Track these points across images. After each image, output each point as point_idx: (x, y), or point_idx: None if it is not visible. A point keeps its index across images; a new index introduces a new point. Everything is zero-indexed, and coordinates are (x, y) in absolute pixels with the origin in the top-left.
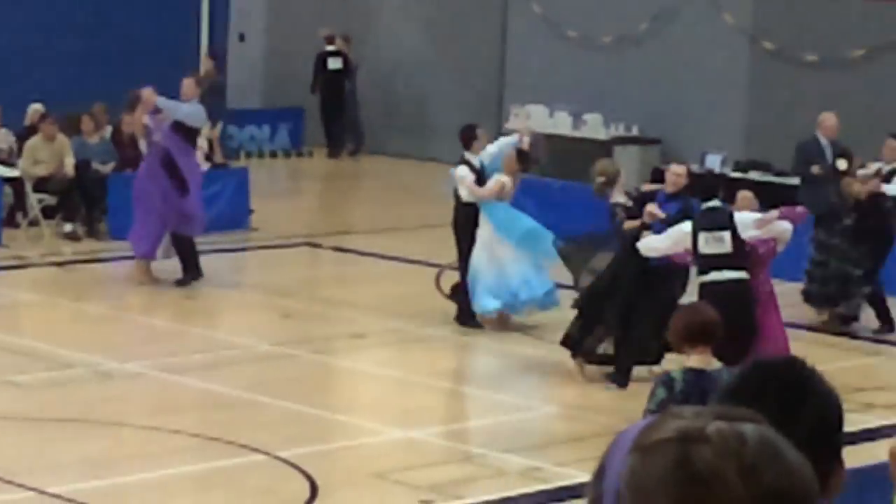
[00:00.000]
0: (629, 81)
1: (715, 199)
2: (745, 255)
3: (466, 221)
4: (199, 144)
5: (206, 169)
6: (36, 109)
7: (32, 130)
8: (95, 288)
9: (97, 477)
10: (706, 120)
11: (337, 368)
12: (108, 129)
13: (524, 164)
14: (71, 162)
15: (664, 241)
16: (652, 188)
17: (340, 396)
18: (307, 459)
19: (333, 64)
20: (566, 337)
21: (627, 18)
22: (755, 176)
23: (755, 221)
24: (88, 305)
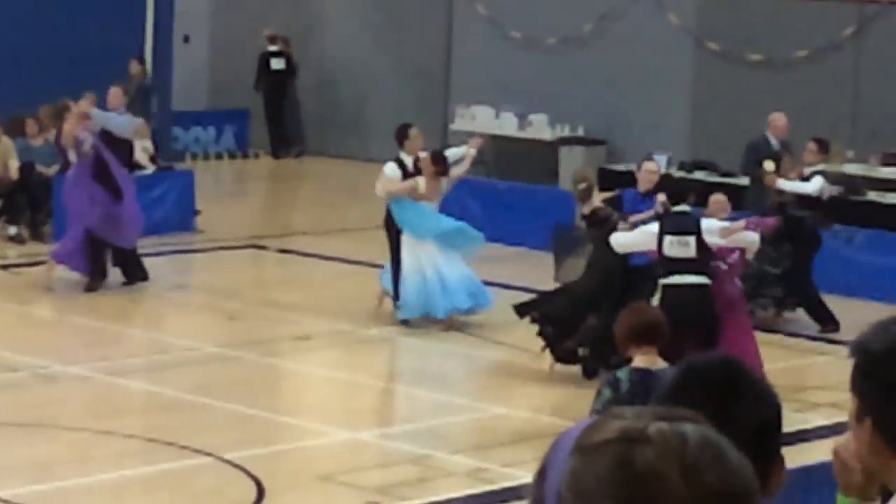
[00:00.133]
0: (575, 82)
1: (684, 203)
2: (708, 260)
3: (392, 220)
4: (144, 147)
5: (151, 171)
6: None
7: None
8: (40, 291)
9: (42, 481)
10: (651, 120)
11: (283, 370)
12: (53, 131)
13: (438, 167)
14: (15, 164)
15: (633, 237)
16: (610, 196)
17: (286, 398)
18: (253, 461)
19: (276, 64)
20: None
21: (572, 19)
22: (700, 176)
23: (721, 230)
24: (33, 308)
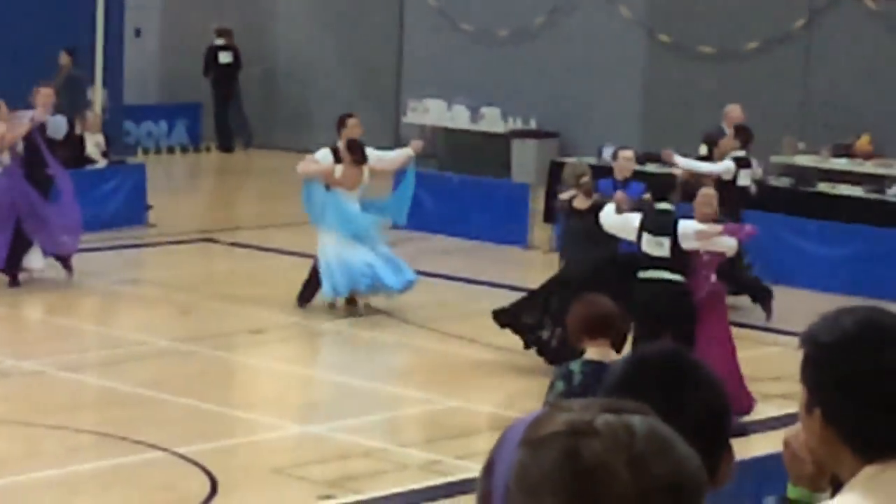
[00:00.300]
0: (526, 75)
1: (666, 200)
2: (683, 261)
3: None
4: (96, 141)
5: (103, 166)
6: None
7: None
8: None
9: None
10: (603, 113)
11: (236, 364)
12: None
13: (353, 154)
14: None
15: (618, 223)
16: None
17: (240, 392)
18: (207, 456)
19: (224, 58)
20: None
21: (524, 12)
22: (652, 168)
23: (696, 233)
24: None
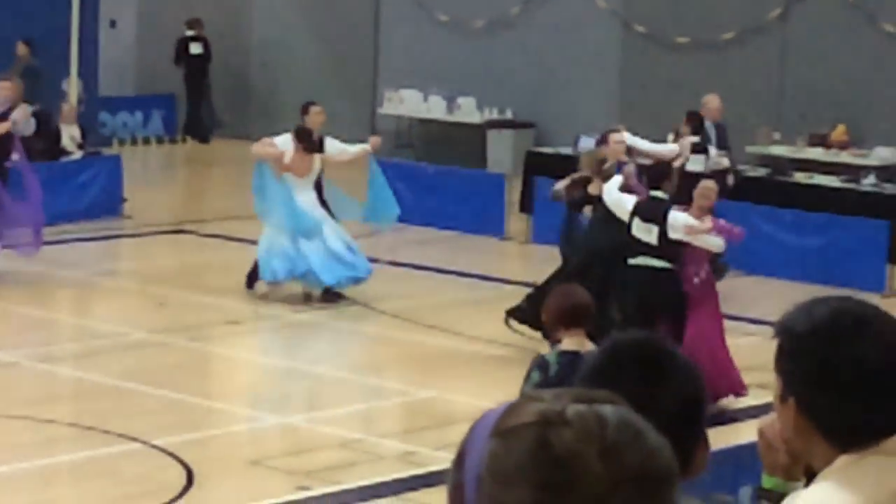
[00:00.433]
0: (502, 65)
1: (660, 189)
2: (671, 250)
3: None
4: (71, 133)
5: (78, 157)
6: None
7: None
8: None
9: None
10: (580, 103)
11: (212, 355)
12: None
13: (301, 141)
14: None
15: (619, 201)
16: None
17: (216, 383)
18: (183, 447)
19: (195, 49)
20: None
21: (500, 2)
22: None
23: (686, 227)
24: None
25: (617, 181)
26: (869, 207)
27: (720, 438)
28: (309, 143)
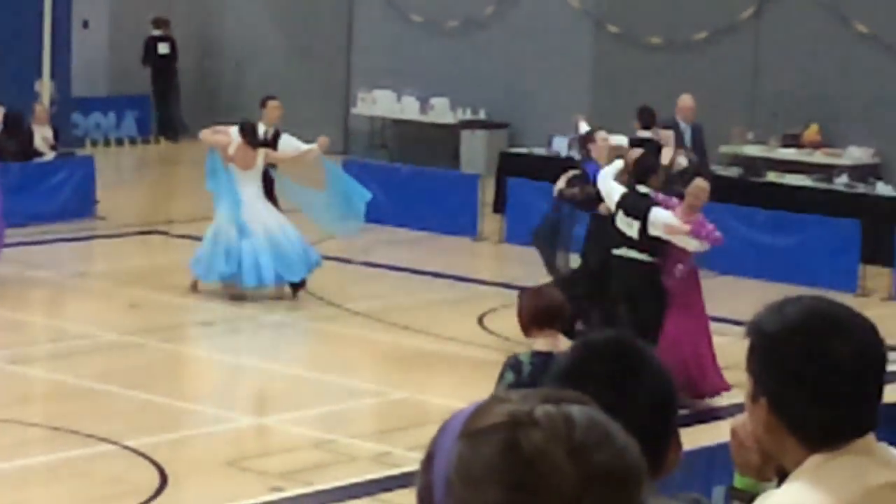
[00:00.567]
0: (476, 65)
1: (644, 184)
2: (652, 245)
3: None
4: (44, 134)
5: (51, 158)
6: None
7: None
8: None
9: None
10: (553, 103)
11: (185, 356)
12: None
13: (244, 136)
14: None
15: (606, 185)
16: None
17: (189, 385)
18: (157, 448)
19: (162, 49)
20: None
21: (473, 2)
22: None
23: (665, 226)
24: None
25: (616, 167)
26: (841, 207)
27: (699, 437)
28: (251, 137)
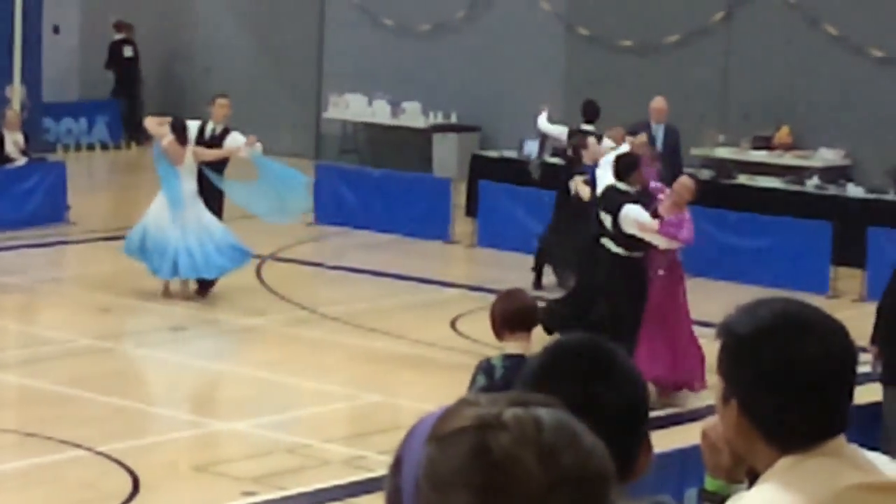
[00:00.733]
0: (447, 69)
1: (624, 182)
2: (625, 240)
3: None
4: (15, 139)
5: (22, 163)
6: None
7: None
8: None
9: None
10: (524, 106)
11: (157, 361)
12: None
13: (175, 132)
14: None
15: (601, 173)
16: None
17: (161, 390)
18: (128, 454)
19: (127, 52)
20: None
21: (445, 6)
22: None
23: (636, 223)
24: None
25: (616, 154)
26: (812, 209)
27: (673, 439)
28: (179, 134)
